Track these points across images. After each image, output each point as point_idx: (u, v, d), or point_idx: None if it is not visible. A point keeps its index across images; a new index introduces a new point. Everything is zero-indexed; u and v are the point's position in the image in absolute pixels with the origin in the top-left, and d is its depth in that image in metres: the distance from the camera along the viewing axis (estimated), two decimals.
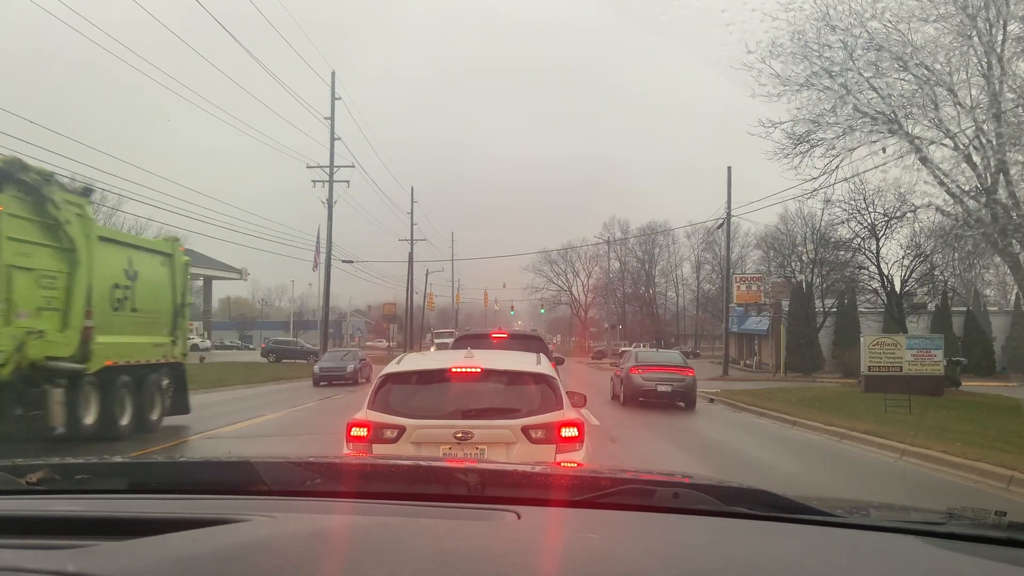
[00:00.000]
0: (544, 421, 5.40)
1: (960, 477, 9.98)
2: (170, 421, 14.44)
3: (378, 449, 5.30)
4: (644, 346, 54.29)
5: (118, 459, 2.31)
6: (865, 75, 15.51)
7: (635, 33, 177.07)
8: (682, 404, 19.40)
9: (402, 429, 5.33)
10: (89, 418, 11.78)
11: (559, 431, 5.39)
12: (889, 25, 14.90)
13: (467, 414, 5.42)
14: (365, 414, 5.54)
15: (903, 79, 15.53)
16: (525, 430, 5.34)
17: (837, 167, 17.16)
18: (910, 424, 13.95)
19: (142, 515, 1.54)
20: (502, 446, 5.31)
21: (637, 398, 19.31)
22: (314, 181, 39.21)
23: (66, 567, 1.18)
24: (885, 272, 29.02)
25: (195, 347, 60.11)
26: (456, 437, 5.23)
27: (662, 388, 19.14)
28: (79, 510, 1.61)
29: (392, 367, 5.98)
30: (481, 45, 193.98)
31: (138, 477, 2.02)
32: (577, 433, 5.47)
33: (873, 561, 1.42)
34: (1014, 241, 15.88)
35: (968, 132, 15.18)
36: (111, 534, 1.37)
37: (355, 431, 5.46)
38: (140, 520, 1.49)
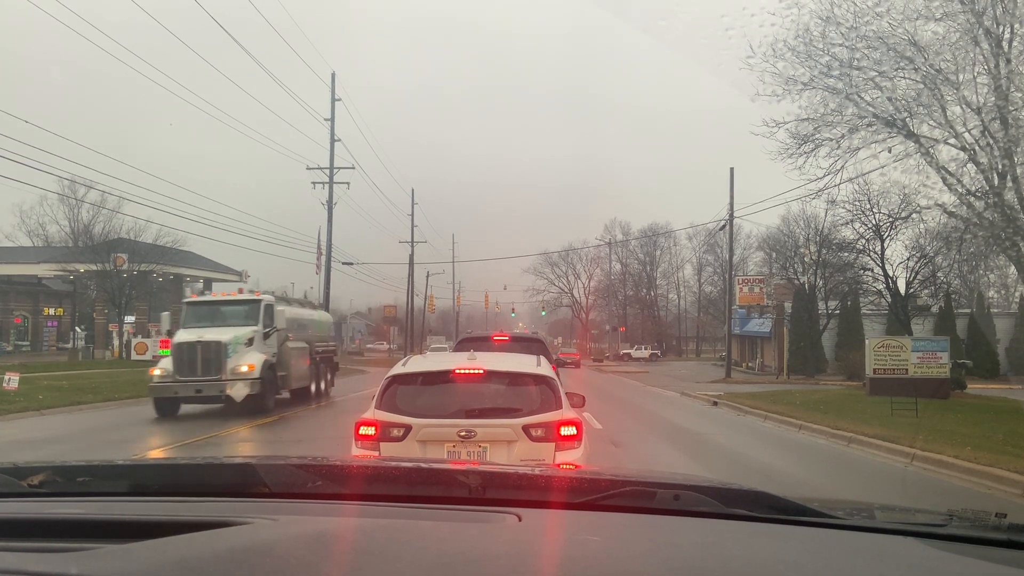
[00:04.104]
0: (544, 420, 5.61)
1: (973, 483, 9.78)
2: (166, 424, 14.27)
3: (385, 447, 5.52)
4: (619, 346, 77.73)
5: (119, 461, 2.32)
6: (869, 74, 15.42)
7: (634, 37, 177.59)
8: (574, 367, 47.09)
9: (408, 428, 5.55)
10: None
11: (558, 430, 5.59)
12: (894, 23, 14.83)
13: (470, 413, 5.63)
14: (373, 413, 5.76)
15: (908, 78, 15.44)
16: (526, 429, 5.55)
17: (842, 167, 17.05)
18: (918, 428, 13.82)
19: (143, 518, 1.54)
20: (504, 444, 5.53)
21: (556, 365, 41.92)
22: (314, 183, 39.22)
23: (68, 570, 1.18)
24: (890, 274, 28.89)
25: None
26: (460, 435, 5.46)
27: (567, 360, 46.27)
28: (80, 513, 1.61)
29: (398, 369, 6.22)
30: (482, 50, 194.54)
31: (139, 479, 2.02)
32: (576, 432, 5.67)
33: (873, 563, 1.42)
34: (1020, 242, 15.79)
35: (975, 132, 15.06)
36: (112, 537, 1.37)
37: (363, 430, 5.69)
38: (141, 523, 1.49)
